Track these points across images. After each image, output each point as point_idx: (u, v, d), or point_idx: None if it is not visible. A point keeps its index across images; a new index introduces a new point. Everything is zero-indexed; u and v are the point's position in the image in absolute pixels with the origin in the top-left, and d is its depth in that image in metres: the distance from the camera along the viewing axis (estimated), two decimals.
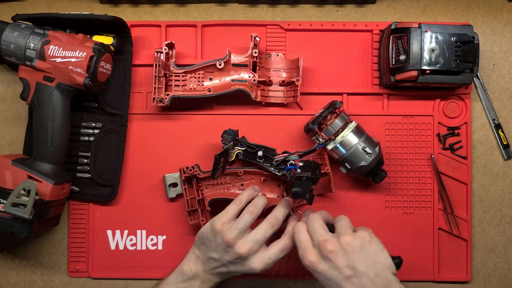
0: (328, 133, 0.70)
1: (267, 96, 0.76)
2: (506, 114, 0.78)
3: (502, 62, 0.78)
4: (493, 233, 0.77)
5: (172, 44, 0.73)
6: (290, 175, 0.69)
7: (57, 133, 0.68)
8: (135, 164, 0.76)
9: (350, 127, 0.70)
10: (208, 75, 0.74)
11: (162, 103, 0.71)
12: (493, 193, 0.78)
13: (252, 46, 0.72)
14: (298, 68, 0.73)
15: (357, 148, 0.69)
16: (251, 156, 0.72)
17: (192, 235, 0.76)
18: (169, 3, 0.78)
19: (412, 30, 0.70)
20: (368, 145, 0.70)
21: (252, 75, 0.73)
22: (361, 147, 0.69)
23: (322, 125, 0.71)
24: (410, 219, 0.76)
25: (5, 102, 0.77)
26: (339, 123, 0.70)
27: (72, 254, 0.76)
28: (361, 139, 0.70)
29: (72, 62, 0.66)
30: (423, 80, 0.70)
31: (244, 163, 0.74)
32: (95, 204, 0.76)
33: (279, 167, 0.71)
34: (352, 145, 0.69)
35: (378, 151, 0.70)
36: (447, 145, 0.77)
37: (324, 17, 0.78)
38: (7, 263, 0.77)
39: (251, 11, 0.78)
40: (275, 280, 0.76)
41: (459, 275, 0.76)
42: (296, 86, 0.73)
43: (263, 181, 0.73)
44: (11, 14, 0.71)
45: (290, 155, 0.70)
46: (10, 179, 0.67)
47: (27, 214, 0.64)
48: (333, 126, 0.69)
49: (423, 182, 0.76)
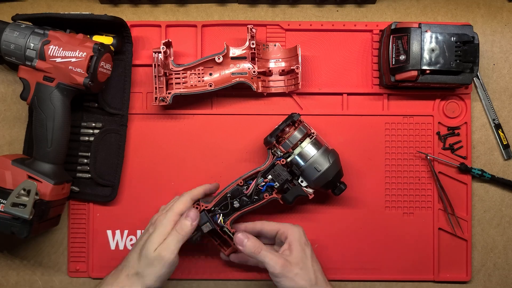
0: (285, 147, 0.68)
1: (268, 86, 0.76)
2: (506, 114, 0.78)
3: (502, 62, 0.78)
4: (493, 233, 0.77)
5: (170, 43, 0.73)
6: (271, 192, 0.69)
7: (57, 133, 0.68)
8: (135, 164, 0.76)
9: (309, 140, 0.69)
10: (208, 70, 0.74)
11: (164, 102, 0.71)
12: (493, 193, 0.78)
13: (249, 38, 0.72)
14: (296, 56, 0.73)
15: (315, 160, 0.68)
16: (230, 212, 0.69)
17: None
18: (169, 3, 0.78)
19: (412, 30, 0.70)
20: (325, 156, 0.68)
21: (252, 66, 0.73)
22: (319, 159, 0.68)
23: (280, 138, 0.69)
24: (410, 219, 0.76)
25: (5, 102, 0.77)
26: (297, 135, 0.68)
27: (72, 254, 0.76)
28: (319, 151, 0.68)
29: (72, 62, 0.66)
30: (423, 80, 0.70)
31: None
32: (95, 204, 0.76)
33: (256, 195, 0.69)
34: (310, 156, 0.68)
35: (336, 163, 0.69)
36: (447, 145, 0.77)
37: (324, 17, 0.78)
38: (7, 263, 0.77)
39: (251, 11, 0.78)
40: None
41: (459, 275, 0.76)
42: (296, 74, 0.73)
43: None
44: (11, 14, 0.71)
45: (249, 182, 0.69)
46: (10, 179, 0.67)
47: (27, 214, 0.63)
48: (291, 139, 0.68)
49: (423, 182, 0.76)
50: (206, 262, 0.76)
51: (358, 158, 0.76)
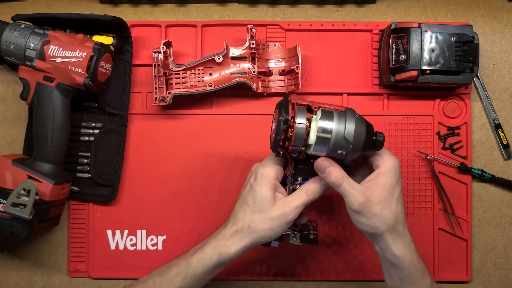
0: (297, 144, 0.57)
1: (268, 86, 0.76)
2: (506, 114, 0.78)
3: (502, 62, 0.78)
4: (493, 233, 0.77)
5: (169, 43, 0.73)
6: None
7: (57, 133, 0.68)
8: (135, 164, 0.76)
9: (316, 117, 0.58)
10: (208, 70, 0.74)
11: (164, 102, 0.71)
12: (493, 193, 0.77)
13: (249, 38, 0.72)
14: (296, 56, 0.73)
15: (337, 134, 0.57)
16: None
17: (191, 235, 0.76)
18: (169, 3, 0.78)
19: (412, 30, 0.70)
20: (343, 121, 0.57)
21: (252, 66, 0.73)
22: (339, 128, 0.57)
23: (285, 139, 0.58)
24: (410, 219, 0.76)
25: (5, 102, 0.77)
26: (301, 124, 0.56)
27: (72, 254, 0.76)
28: (334, 121, 0.57)
29: (72, 62, 0.66)
30: (423, 80, 0.70)
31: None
32: (95, 204, 0.76)
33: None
34: (329, 133, 0.57)
35: (359, 120, 0.58)
36: (447, 145, 0.77)
37: (324, 17, 0.78)
38: (7, 263, 0.77)
39: (251, 11, 0.78)
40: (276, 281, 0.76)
41: (459, 275, 0.76)
42: (296, 74, 0.73)
43: None
44: (11, 14, 0.71)
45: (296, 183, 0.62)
46: (10, 179, 0.67)
47: (27, 214, 0.64)
48: (297, 134, 0.57)
49: (423, 182, 0.76)
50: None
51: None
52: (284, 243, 0.63)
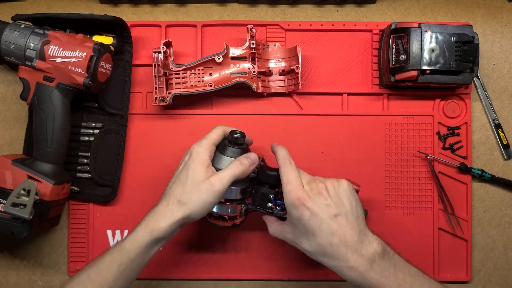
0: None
1: (268, 86, 0.76)
2: (506, 114, 0.78)
3: (502, 62, 0.78)
4: (493, 233, 0.77)
5: (170, 43, 0.73)
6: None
7: (57, 133, 0.68)
8: (135, 164, 0.76)
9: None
10: (208, 70, 0.74)
11: (164, 102, 0.71)
12: (493, 193, 0.77)
13: (249, 38, 0.72)
14: (296, 56, 0.73)
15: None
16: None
17: (191, 235, 0.76)
18: (169, 3, 0.78)
19: (412, 30, 0.70)
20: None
21: (252, 66, 0.73)
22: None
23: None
24: (410, 219, 0.76)
25: (5, 102, 0.77)
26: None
27: (72, 254, 0.76)
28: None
29: (72, 62, 0.66)
30: (423, 80, 0.70)
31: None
32: (95, 204, 0.76)
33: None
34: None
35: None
36: (447, 145, 0.77)
37: (324, 17, 0.78)
38: (7, 263, 0.77)
39: (251, 11, 0.78)
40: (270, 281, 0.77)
41: (459, 275, 0.76)
42: (296, 74, 0.73)
43: None
44: (11, 14, 0.71)
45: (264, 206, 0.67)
46: (10, 179, 0.67)
47: (27, 214, 0.64)
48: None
49: (423, 182, 0.76)
50: (206, 262, 0.76)
51: (358, 158, 0.76)
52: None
